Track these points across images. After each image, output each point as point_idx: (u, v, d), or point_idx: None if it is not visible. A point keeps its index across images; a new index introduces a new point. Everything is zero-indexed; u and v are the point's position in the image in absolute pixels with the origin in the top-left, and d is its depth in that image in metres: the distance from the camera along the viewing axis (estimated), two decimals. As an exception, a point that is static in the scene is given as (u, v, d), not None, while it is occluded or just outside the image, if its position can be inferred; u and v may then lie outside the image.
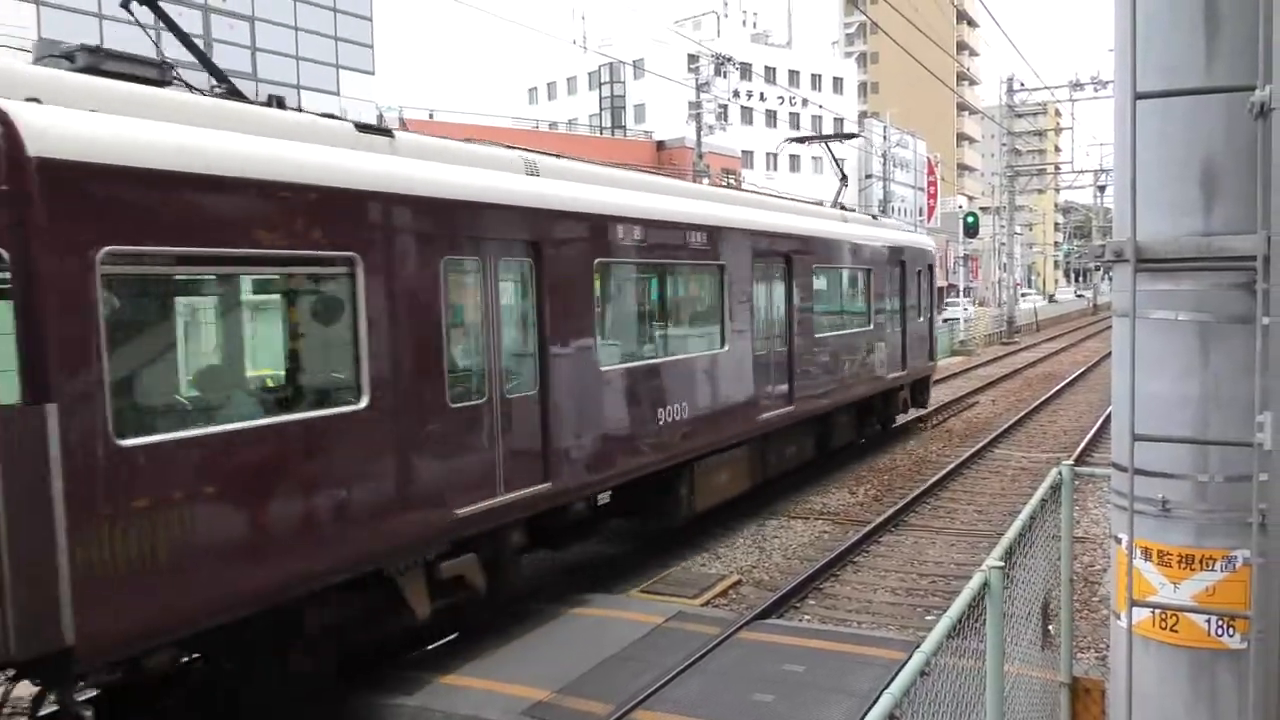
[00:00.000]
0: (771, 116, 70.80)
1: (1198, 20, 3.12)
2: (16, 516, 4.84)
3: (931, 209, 79.45)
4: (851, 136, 20.80)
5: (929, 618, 9.54)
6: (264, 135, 6.36)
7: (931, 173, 79.16)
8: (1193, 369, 3.22)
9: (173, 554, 5.54)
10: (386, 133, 7.56)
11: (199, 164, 5.68)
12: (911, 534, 12.71)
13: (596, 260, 9.28)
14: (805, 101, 69.22)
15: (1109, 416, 6.52)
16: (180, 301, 6.36)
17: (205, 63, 7.50)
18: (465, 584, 7.96)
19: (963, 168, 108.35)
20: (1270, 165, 2.91)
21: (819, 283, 14.31)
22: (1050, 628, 5.82)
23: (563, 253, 8.78)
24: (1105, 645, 8.04)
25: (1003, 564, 4.03)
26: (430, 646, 8.39)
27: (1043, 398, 24.52)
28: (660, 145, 57.64)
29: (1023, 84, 48.97)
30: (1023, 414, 21.83)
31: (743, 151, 66.92)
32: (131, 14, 7.12)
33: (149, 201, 5.39)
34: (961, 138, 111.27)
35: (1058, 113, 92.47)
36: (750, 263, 12.14)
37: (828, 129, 72.09)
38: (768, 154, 75.17)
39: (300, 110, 7.23)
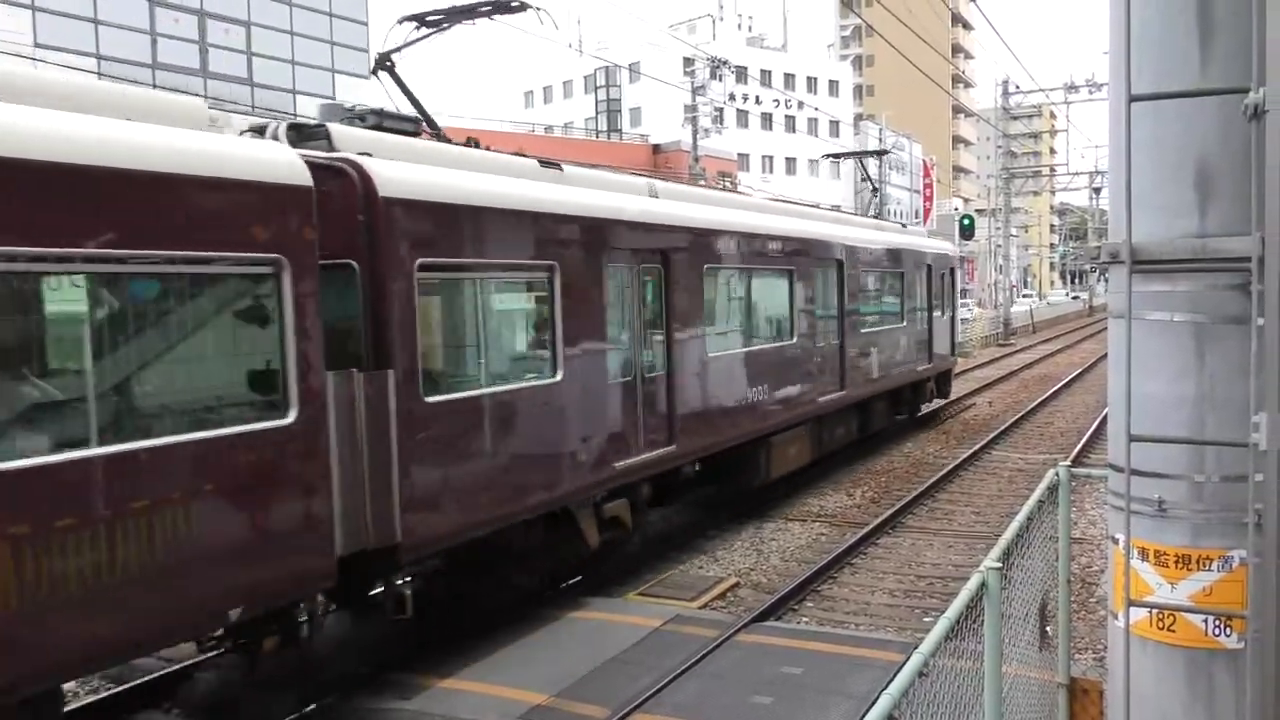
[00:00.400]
0: (767, 119, 70.87)
1: (1191, 23, 3.13)
2: (374, 447, 6.92)
3: (928, 211, 79.48)
4: (883, 153, 22.41)
5: (927, 619, 9.55)
6: (487, 172, 8.44)
7: (927, 175, 79.22)
8: (1188, 370, 3.23)
9: (454, 481, 7.62)
10: (557, 166, 9.63)
11: (464, 198, 7.83)
12: (909, 536, 12.72)
13: (705, 265, 11.47)
14: (801, 104, 69.29)
15: (1105, 418, 6.54)
16: (455, 298, 8.18)
17: (424, 115, 9.31)
18: (619, 523, 10.01)
19: (958, 170, 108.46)
20: (1265, 167, 2.92)
21: (863, 284, 16.46)
22: (1048, 629, 5.83)
23: (683, 259, 10.96)
24: (1103, 646, 8.05)
25: (1000, 565, 4.04)
26: (563, 585, 10.31)
27: (1039, 399, 24.55)
28: (656, 148, 57.65)
29: (1018, 87, 49.04)
30: (1020, 415, 21.87)
31: (739, 154, 66.94)
32: (378, 78, 9.38)
33: (438, 226, 7.55)
34: (957, 140, 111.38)
35: (1053, 115, 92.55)
36: (812, 267, 14.37)
37: (824, 132, 72.13)
38: (763, 157, 75.20)
39: (484, 147, 9.07)
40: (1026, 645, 5.30)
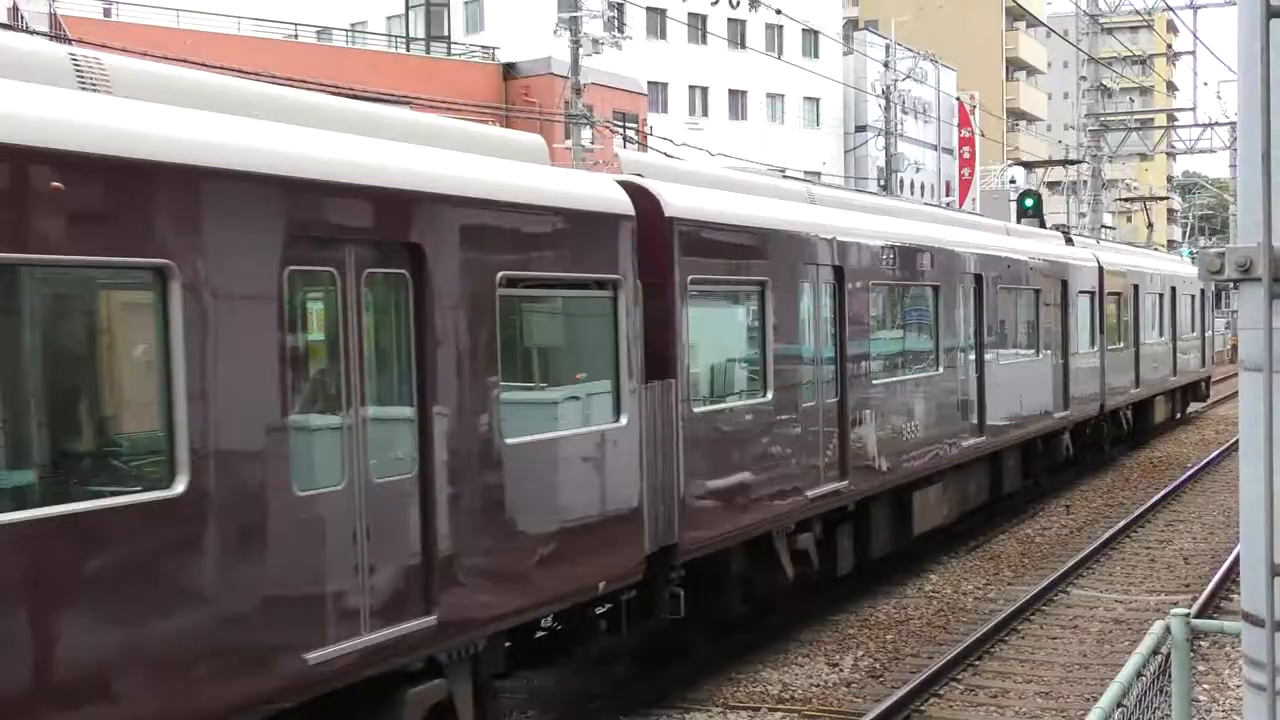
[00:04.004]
0: (698, 25, 71.61)
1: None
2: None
3: (966, 183, 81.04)
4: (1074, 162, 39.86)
5: None
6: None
7: (965, 123, 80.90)
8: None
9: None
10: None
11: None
12: (933, 734, 12.77)
13: (1143, 295, 36.72)
14: (755, 1, 70.29)
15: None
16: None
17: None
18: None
19: (1017, 115, 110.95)
20: None
21: (1177, 307, 40.24)
22: None
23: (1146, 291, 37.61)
24: None
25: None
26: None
27: (1149, 501, 25.14)
28: (510, 71, 57.65)
29: (1113, -21, 50.59)
30: (1116, 528, 22.28)
31: (651, 83, 67.40)
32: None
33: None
34: (1015, 66, 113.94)
35: (1171, 28, 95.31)
36: (1165, 294, 39.50)
37: (791, 46, 73.23)
38: (691, 88, 75.85)
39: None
40: None
